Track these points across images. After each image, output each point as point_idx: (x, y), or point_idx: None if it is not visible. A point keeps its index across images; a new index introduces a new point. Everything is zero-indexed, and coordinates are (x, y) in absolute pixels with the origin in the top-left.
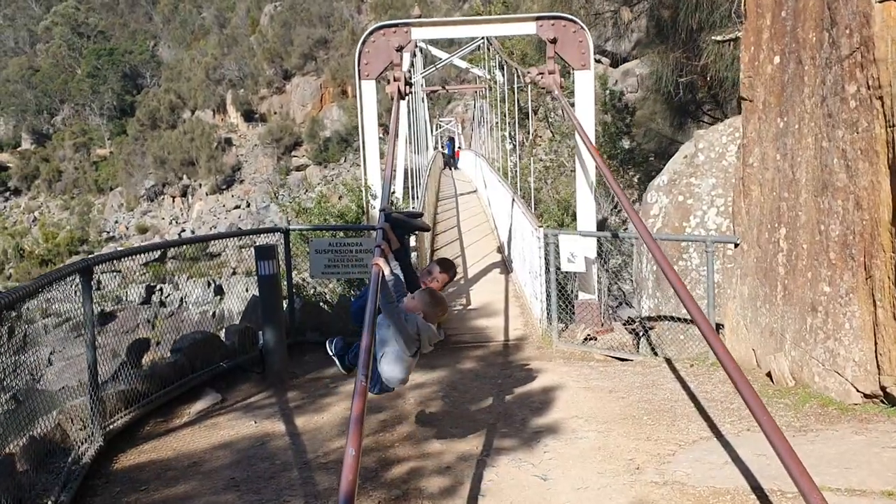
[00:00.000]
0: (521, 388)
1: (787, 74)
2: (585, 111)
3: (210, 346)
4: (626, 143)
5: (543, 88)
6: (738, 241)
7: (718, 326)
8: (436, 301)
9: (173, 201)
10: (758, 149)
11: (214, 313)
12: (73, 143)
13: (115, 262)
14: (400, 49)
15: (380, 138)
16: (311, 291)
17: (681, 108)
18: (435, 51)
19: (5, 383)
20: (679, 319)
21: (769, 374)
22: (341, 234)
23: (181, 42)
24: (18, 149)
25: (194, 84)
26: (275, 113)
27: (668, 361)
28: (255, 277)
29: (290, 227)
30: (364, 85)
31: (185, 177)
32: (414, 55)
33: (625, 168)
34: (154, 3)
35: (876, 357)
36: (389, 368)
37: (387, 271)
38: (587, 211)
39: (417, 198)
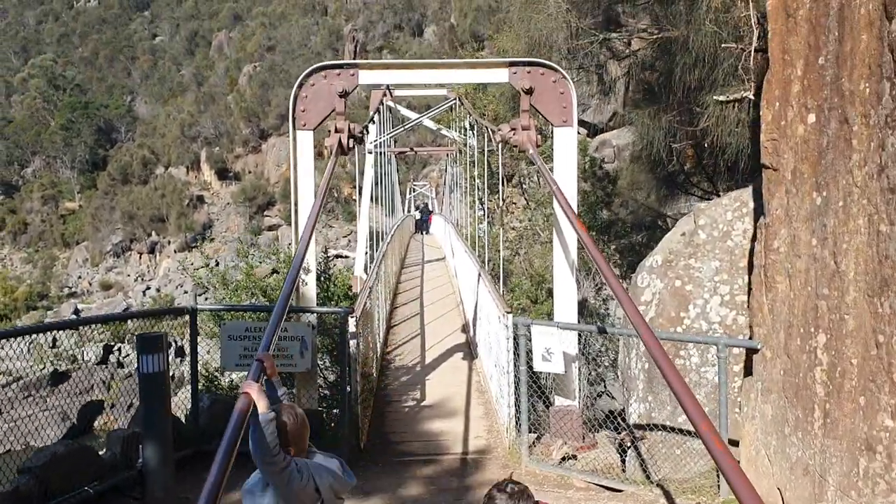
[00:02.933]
0: None
1: (827, 137)
2: (566, 175)
3: (77, 461)
4: (604, 215)
5: (516, 147)
6: (760, 346)
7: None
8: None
9: (140, 258)
10: (785, 230)
11: (174, 376)
12: (41, 195)
13: None
14: (344, 95)
15: (353, 200)
16: (227, 382)
17: (668, 177)
18: (404, 111)
19: None
20: (675, 430)
21: None
22: (263, 315)
23: (158, 98)
24: None
25: (169, 140)
26: (249, 172)
27: (666, 493)
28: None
29: (198, 306)
30: (300, 136)
31: (153, 233)
32: (378, 112)
33: (604, 242)
34: (133, 60)
35: None
36: None
37: (262, 405)
38: (567, 296)
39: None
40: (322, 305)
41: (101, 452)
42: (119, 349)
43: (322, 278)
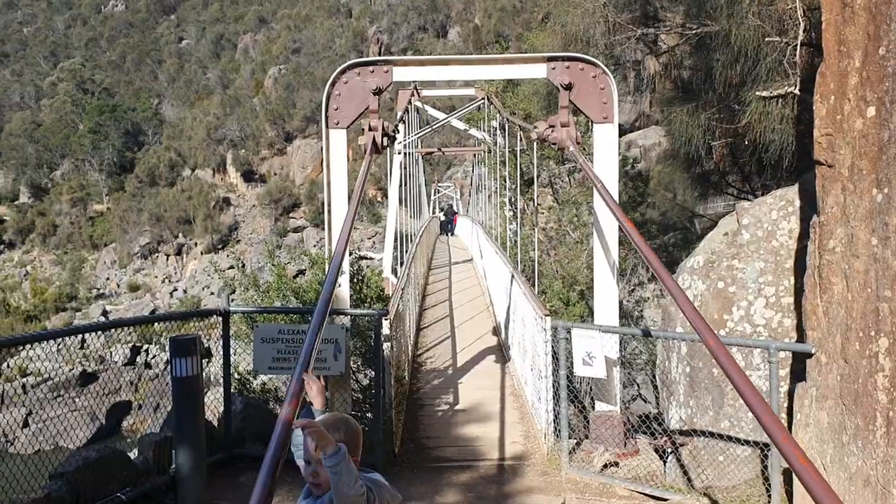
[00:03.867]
0: None
1: (889, 131)
2: (608, 173)
3: (109, 466)
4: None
5: (554, 145)
6: (814, 351)
7: None
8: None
9: (167, 259)
10: (842, 229)
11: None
12: (70, 197)
13: None
14: (378, 92)
15: (378, 202)
16: (259, 386)
17: (702, 177)
18: (432, 111)
19: None
20: (718, 436)
21: None
22: (296, 318)
23: (185, 101)
24: (16, 202)
25: (195, 143)
26: (275, 174)
27: (713, 502)
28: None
29: (231, 308)
30: (332, 135)
31: (180, 235)
32: (406, 112)
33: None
34: (160, 63)
35: None
36: None
37: (319, 402)
38: (607, 298)
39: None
40: (355, 307)
41: (133, 457)
42: (146, 350)
43: (355, 280)
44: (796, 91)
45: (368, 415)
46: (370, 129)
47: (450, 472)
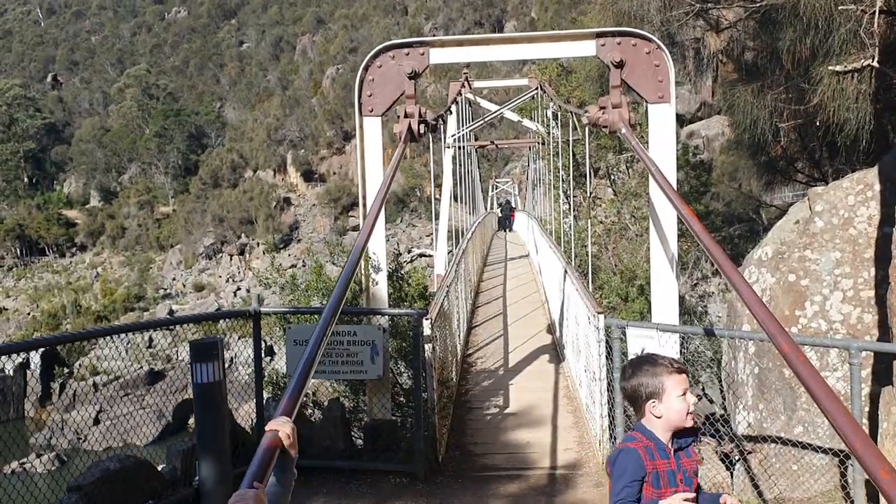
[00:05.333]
0: None
1: None
2: (664, 157)
3: (131, 478)
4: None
5: (605, 128)
6: None
7: None
8: None
9: (231, 259)
10: None
11: (264, 375)
12: (137, 200)
13: None
14: (414, 76)
15: (437, 199)
16: None
17: (769, 163)
18: (486, 104)
19: None
20: (791, 443)
21: None
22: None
23: (246, 103)
24: (87, 206)
25: (256, 144)
26: (334, 173)
27: None
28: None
29: (261, 309)
30: (366, 123)
31: (243, 235)
32: (455, 102)
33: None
34: (221, 67)
35: None
36: None
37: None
38: (666, 293)
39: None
40: (395, 306)
41: (160, 467)
42: None
43: (395, 277)
44: (874, 64)
45: (411, 420)
46: (406, 116)
47: (497, 481)
